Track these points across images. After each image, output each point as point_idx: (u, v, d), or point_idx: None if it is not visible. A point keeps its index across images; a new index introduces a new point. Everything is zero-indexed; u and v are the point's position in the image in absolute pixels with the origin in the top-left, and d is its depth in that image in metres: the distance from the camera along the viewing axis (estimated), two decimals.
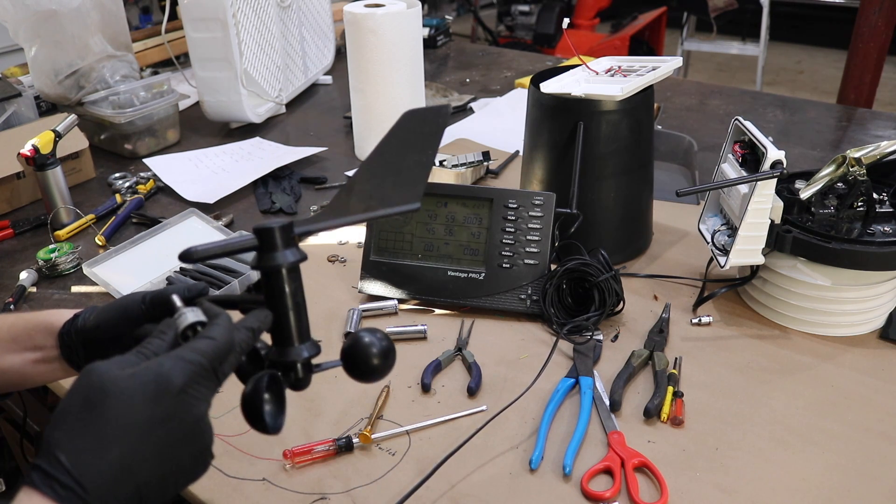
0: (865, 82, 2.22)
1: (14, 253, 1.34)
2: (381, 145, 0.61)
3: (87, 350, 0.70)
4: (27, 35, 1.65)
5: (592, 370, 0.97)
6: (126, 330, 0.67)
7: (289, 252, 0.56)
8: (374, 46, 1.49)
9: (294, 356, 0.58)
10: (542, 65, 2.37)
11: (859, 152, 1.00)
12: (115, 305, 0.70)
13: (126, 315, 0.68)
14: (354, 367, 0.60)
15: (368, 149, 1.62)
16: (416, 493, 0.80)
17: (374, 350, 0.59)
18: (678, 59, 1.19)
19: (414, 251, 1.13)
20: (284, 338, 0.58)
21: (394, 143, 0.62)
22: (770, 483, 0.80)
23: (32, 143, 1.33)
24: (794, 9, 5.50)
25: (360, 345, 0.59)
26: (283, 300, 0.57)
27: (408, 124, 0.62)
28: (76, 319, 0.71)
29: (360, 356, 0.59)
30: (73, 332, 0.70)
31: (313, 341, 0.60)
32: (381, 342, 0.60)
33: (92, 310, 0.71)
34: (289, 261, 0.56)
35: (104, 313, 0.70)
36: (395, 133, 0.61)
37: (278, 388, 0.57)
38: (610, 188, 1.16)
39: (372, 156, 0.60)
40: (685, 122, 1.81)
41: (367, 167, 0.61)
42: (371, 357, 0.59)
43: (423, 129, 0.63)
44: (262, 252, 0.56)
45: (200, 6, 1.64)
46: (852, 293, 0.99)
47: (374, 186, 0.61)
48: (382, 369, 0.60)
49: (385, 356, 0.59)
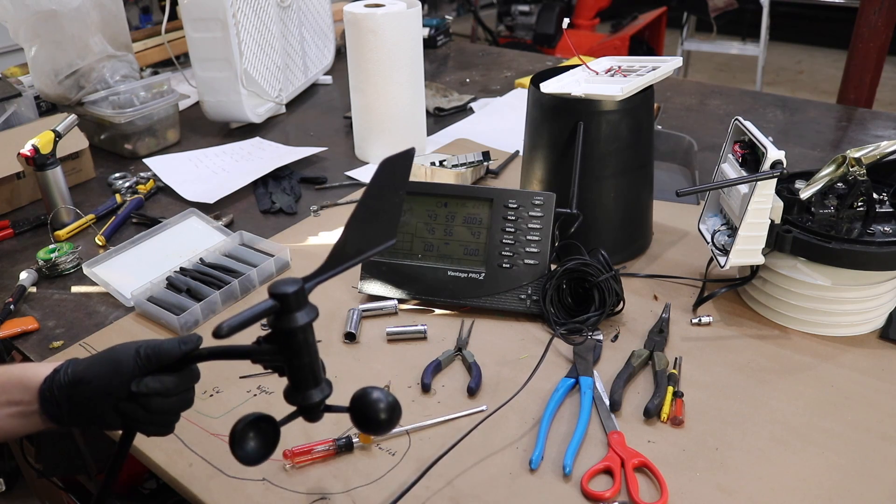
0: (865, 82, 2.21)
1: (14, 253, 1.34)
2: (366, 195, 0.66)
3: (71, 404, 0.70)
4: (27, 35, 1.65)
5: (592, 370, 0.97)
6: (118, 385, 0.68)
7: (303, 313, 0.62)
8: (374, 46, 1.49)
9: (308, 400, 0.65)
10: (542, 65, 2.37)
11: (859, 152, 1.00)
12: (105, 359, 0.70)
13: (118, 370, 0.68)
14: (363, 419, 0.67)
15: (368, 149, 1.62)
16: (417, 493, 0.81)
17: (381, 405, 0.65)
18: (678, 59, 1.19)
19: (414, 251, 1.13)
20: (300, 384, 0.65)
21: (375, 191, 0.67)
22: (770, 483, 0.80)
23: (32, 143, 1.33)
24: (794, 9, 5.50)
25: (367, 399, 0.66)
26: (300, 354, 0.63)
27: (385, 171, 0.66)
28: (57, 374, 0.71)
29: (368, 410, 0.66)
30: (55, 387, 0.70)
31: (326, 382, 0.66)
32: (387, 397, 0.66)
33: (71, 363, 0.71)
34: (305, 322, 0.62)
35: (93, 368, 0.70)
36: (375, 181, 0.66)
37: (267, 428, 0.65)
38: (610, 188, 1.16)
39: (359, 205, 0.65)
40: (685, 122, 1.81)
41: (357, 216, 0.66)
42: (379, 412, 0.65)
43: (396, 172, 0.68)
44: (280, 314, 0.62)
45: (200, 6, 1.64)
46: (852, 293, 0.99)
47: (364, 232, 0.67)
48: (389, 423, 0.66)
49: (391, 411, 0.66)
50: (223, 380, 0.99)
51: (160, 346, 0.68)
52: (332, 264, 0.65)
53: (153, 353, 0.68)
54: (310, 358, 0.64)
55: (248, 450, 0.63)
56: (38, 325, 1.12)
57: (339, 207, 1.45)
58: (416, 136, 1.64)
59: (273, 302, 0.61)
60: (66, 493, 1.41)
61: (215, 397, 0.96)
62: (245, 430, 0.64)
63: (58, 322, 1.13)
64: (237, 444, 0.64)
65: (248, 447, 0.63)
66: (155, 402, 0.68)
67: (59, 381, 0.70)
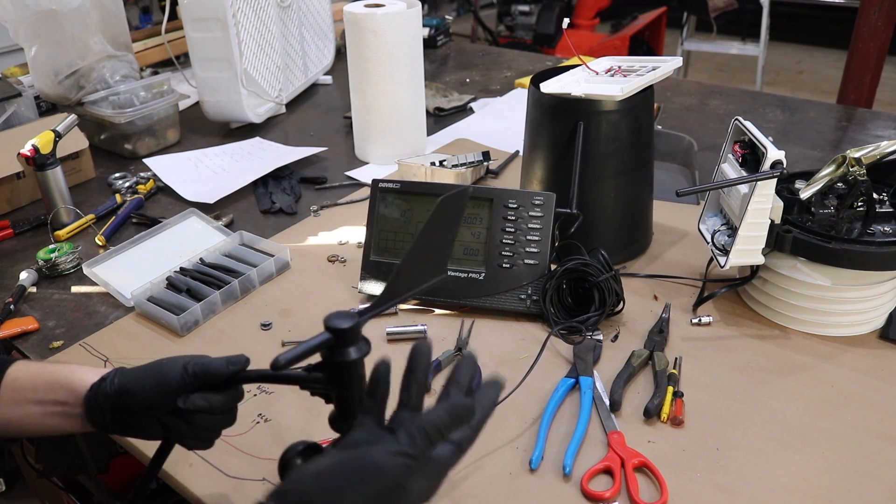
0: (865, 82, 2.22)
1: (14, 253, 1.34)
2: (424, 232, 0.67)
3: (116, 413, 0.71)
4: (27, 35, 1.65)
5: (592, 370, 0.97)
6: (164, 399, 0.69)
7: (356, 349, 0.64)
8: (374, 46, 1.49)
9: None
10: (542, 65, 2.37)
11: (859, 152, 1.00)
12: (152, 373, 0.70)
13: (165, 384, 0.69)
14: None
15: (368, 149, 1.62)
16: None
17: None
18: (678, 59, 1.19)
19: None
20: (348, 412, 0.67)
21: (433, 229, 0.68)
22: (770, 483, 0.80)
23: (32, 143, 1.33)
24: (794, 9, 5.50)
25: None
26: (349, 386, 0.65)
27: (442, 209, 0.67)
28: (103, 383, 0.72)
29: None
30: (100, 395, 0.71)
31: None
32: None
33: (118, 372, 0.72)
34: (357, 357, 0.64)
35: (139, 380, 0.70)
36: (434, 219, 0.67)
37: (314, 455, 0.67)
38: (610, 188, 1.16)
39: (417, 243, 0.66)
40: (685, 122, 1.81)
41: (413, 254, 0.67)
42: None
43: (452, 210, 0.69)
44: (334, 347, 0.63)
45: (200, 6, 1.64)
46: (852, 293, 0.99)
47: (417, 267, 0.68)
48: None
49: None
50: None
51: (208, 365, 0.69)
52: (386, 298, 0.67)
53: (200, 371, 0.69)
54: (359, 391, 0.66)
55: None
56: (38, 325, 1.12)
57: (339, 207, 1.44)
58: (416, 136, 1.64)
59: (328, 335, 0.62)
60: (66, 493, 1.41)
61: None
62: (293, 459, 0.66)
63: (58, 322, 1.13)
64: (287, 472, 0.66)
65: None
66: (199, 418, 0.69)
67: (104, 390, 0.71)
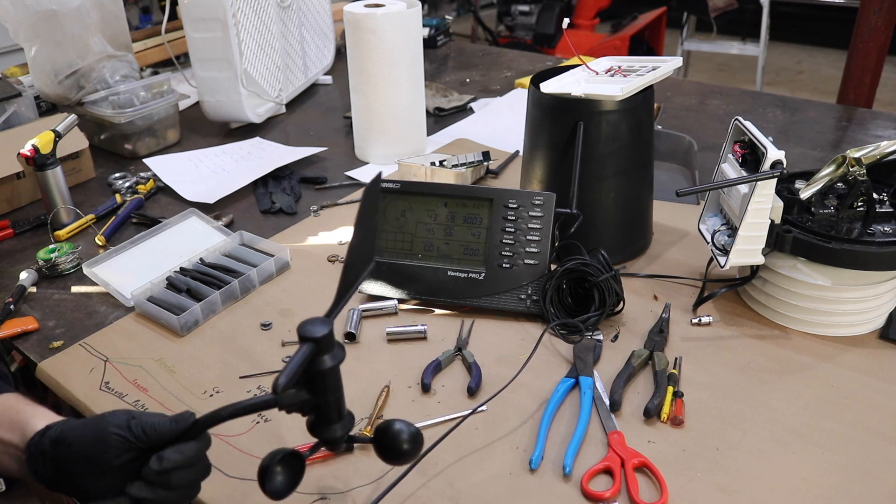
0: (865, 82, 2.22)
1: (14, 253, 1.34)
2: (358, 220, 0.67)
3: (54, 465, 0.67)
4: (27, 35, 1.65)
5: (592, 370, 0.97)
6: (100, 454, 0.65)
7: (331, 356, 0.64)
8: (374, 46, 1.49)
9: (332, 434, 0.67)
10: (542, 65, 2.37)
11: (859, 152, 1.00)
12: (91, 425, 0.67)
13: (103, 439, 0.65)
14: (387, 450, 0.68)
15: (368, 149, 1.62)
16: (417, 493, 0.81)
17: (403, 436, 0.67)
18: (678, 59, 1.19)
19: (414, 251, 1.13)
20: (325, 420, 0.67)
21: (363, 215, 0.68)
22: (770, 483, 0.80)
23: (32, 143, 1.33)
24: (794, 9, 5.50)
25: (390, 431, 0.67)
26: (326, 393, 0.65)
27: (367, 198, 0.68)
28: (48, 430, 0.68)
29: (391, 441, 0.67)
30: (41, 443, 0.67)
31: (349, 415, 0.69)
32: (409, 428, 0.68)
33: (65, 421, 0.68)
34: (333, 364, 0.64)
35: (77, 430, 0.67)
36: (363, 205, 0.68)
37: (295, 463, 0.66)
38: (610, 188, 1.16)
39: (356, 233, 0.67)
40: (685, 122, 1.81)
41: (353, 242, 0.67)
42: (401, 442, 0.67)
43: (372, 198, 0.70)
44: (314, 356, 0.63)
45: (200, 6, 1.64)
46: (852, 293, 0.99)
47: (358, 256, 0.68)
48: (412, 453, 0.68)
49: (414, 441, 0.67)
50: (224, 380, 0.99)
51: (154, 426, 0.65)
52: (341, 293, 0.67)
53: (142, 433, 0.65)
54: (336, 395, 0.66)
55: (276, 484, 0.64)
56: (38, 325, 1.12)
57: (339, 207, 1.45)
58: (416, 136, 1.64)
59: (311, 345, 0.62)
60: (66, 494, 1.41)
61: (215, 397, 0.96)
62: (273, 466, 0.65)
63: (58, 322, 1.13)
64: (267, 480, 0.64)
65: (276, 482, 0.64)
66: (177, 476, 0.65)
67: (46, 438, 0.67)
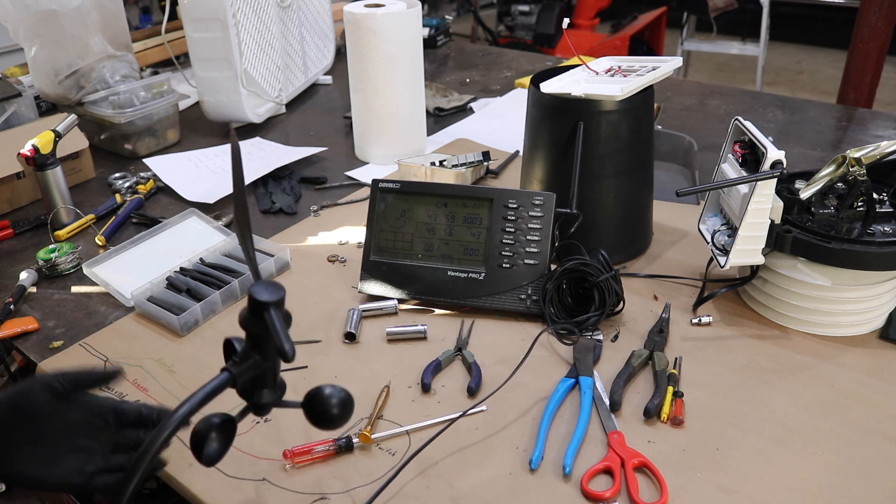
0: (865, 82, 2.22)
1: (14, 253, 1.34)
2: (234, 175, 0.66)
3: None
4: (27, 35, 1.65)
5: (592, 370, 0.97)
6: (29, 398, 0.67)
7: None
8: (374, 46, 1.49)
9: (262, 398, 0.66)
10: (542, 65, 2.37)
11: (859, 152, 1.00)
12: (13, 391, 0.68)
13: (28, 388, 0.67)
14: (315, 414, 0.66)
15: (368, 149, 1.62)
16: (417, 493, 0.81)
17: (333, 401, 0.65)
18: (678, 59, 1.19)
19: (414, 251, 1.13)
20: (261, 384, 0.66)
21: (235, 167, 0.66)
22: (770, 483, 0.80)
23: (32, 143, 1.33)
24: (794, 9, 5.50)
25: (320, 396, 0.66)
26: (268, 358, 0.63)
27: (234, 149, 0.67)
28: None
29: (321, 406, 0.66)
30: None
31: (282, 383, 0.68)
32: (339, 393, 0.66)
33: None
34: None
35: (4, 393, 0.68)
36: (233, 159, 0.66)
37: (229, 429, 0.64)
38: (610, 188, 1.16)
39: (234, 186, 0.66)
40: (685, 122, 1.81)
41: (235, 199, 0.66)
42: (331, 407, 0.65)
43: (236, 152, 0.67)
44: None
45: (200, 6, 1.64)
46: (852, 293, 0.99)
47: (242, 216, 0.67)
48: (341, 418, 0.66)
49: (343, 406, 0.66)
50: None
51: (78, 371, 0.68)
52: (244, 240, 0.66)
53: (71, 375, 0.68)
54: (275, 360, 0.65)
55: (211, 451, 0.63)
56: (38, 325, 1.12)
57: (339, 207, 1.45)
58: (416, 136, 1.64)
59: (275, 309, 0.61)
60: (66, 493, 1.41)
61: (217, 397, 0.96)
62: (207, 433, 0.63)
63: (58, 322, 1.13)
64: (203, 447, 0.63)
65: (211, 449, 0.63)
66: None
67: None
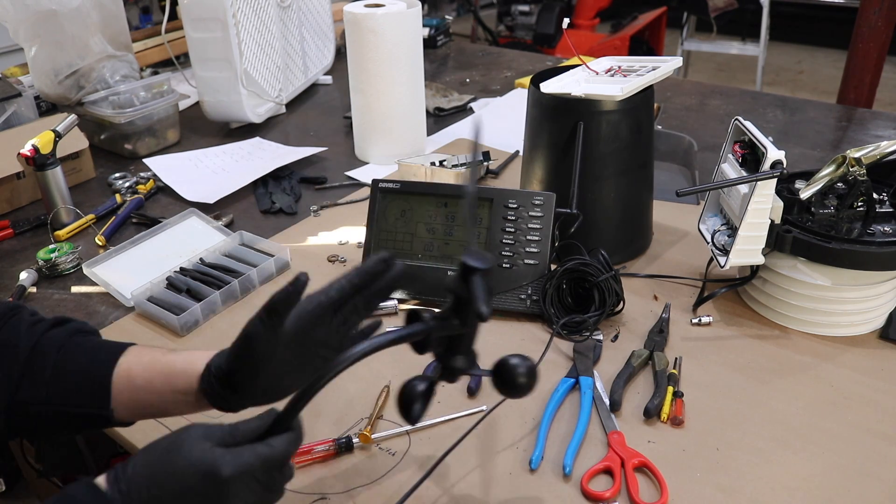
0: (865, 82, 2.21)
1: (14, 253, 1.34)
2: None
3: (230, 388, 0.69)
4: (27, 35, 1.65)
5: (592, 370, 0.97)
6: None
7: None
8: (374, 46, 1.49)
9: (455, 363, 0.71)
10: (542, 65, 2.37)
11: (859, 152, 1.00)
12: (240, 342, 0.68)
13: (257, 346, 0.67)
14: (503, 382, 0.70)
15: (368, 149, 1.62)
16: (417, 492, 0.81)
17: (520, 370, 0.69)
18: (678, 59, 1.19)
19: (414, 251, 1.13)
20: (458, 348, 0.70)
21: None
22: (770, 483, 0.80)
23: (32, 143, 1.33)
24: (794, 9, 5.49)
25: (507, 365, 0.70)
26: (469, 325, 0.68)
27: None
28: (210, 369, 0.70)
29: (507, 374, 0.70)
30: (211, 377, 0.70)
31: (474, 352, 0.72)
32: (526, 362, 0.70)
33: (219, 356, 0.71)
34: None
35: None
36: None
37: (430, 393, 0.69)
38: (610, 188, 1.16)
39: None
40: (685, 122, 1.81)
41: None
42: (518, 375, 0.69)
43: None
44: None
45: (200, 6, 1.64)
46: (852, 293, 0.99)
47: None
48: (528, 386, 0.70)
49: (530, 374, 0.69)
50: None
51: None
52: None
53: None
54: (475, 328, 0.69)
55: (415, 412, 0.68)
56: None
57: (339, 207, 1.45)
58: (416, 136, 1.64)
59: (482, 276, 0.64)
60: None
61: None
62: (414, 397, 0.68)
63: None
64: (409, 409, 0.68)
65: (415, 411, 0.68)
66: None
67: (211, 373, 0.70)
